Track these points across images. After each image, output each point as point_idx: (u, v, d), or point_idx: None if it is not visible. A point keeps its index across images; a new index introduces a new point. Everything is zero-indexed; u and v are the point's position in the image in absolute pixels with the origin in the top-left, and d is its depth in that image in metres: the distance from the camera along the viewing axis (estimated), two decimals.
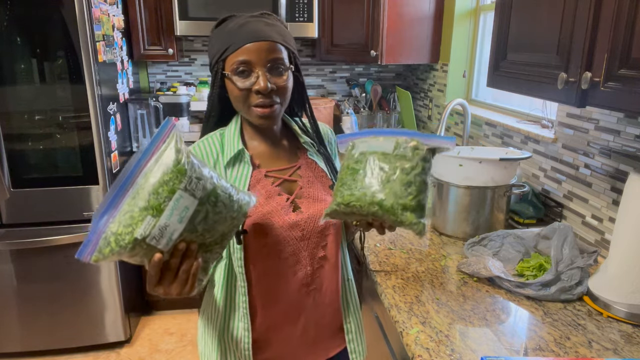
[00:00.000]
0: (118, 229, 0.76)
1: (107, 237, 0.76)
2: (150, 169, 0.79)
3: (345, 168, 0.99)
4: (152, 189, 0.77)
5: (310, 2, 2.72)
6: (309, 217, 1.07)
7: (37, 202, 2.31)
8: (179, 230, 0.79)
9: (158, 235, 0.77)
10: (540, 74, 1.25)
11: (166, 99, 2.84)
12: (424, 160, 0.95)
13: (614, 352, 1.04)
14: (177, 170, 0.78)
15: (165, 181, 0.78)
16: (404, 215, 0.91)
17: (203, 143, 1.07)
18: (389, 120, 3.21)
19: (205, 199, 0.81)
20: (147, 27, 2.76)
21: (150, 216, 0.76)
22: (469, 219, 1.60)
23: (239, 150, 1.05)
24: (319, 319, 1.14)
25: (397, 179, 0.92)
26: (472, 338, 1.08)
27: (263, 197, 1.05)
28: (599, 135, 1.51)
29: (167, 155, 0.79)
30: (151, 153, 0.81)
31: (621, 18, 0.97)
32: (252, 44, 0.99)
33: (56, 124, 2.25)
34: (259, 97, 1.00)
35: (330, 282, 1.14)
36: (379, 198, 0.92)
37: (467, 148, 1.77)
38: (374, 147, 0.98)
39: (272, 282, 1.07)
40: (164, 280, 0.82)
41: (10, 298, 2.40)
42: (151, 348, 2.62)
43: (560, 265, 1.25)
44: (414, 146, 0.95)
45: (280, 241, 1.05)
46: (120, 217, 0.77)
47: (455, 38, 2.62)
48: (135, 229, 0.75)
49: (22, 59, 2.15)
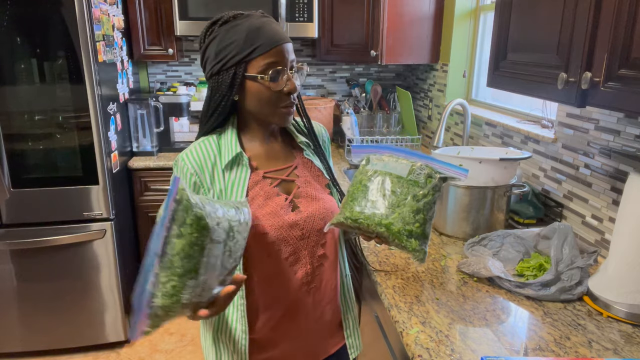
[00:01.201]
0: (164, 302, 0.78)
1: (155, 312, 0.78)
2: (174, 234, 0.79)
3: (357, 183, 1.02)
4: (184, 254, 0.78)
5: (310, 2, 2.72)
6: (308, 216, 1.08)
7: (37, 202, 2.31)
8: (215, 277, 0.83)
9: (201, 292, 0.81)
10: (540, 74, 1.25)
11: (166, 99, 2.84)
12: (434, 189, 0.98)
13: (614, 352, 1.04)
14: (201, 227, 0.79)
15: (193, 242, 0.79)
16: (408, 242, 0.94)
17: (200, 146, 1.06)
18: (388, 120, 3.21)
19: (226, 238, 0.85)
20: (147, 27, 2.76)
21: (190, 279, 0.78)
22: (469, 219, 1.60)
23: (237, 153, 1.04)
24: (319, 317, 1.15)
25: (407, 205, 0.95)
26: (472, 338, 1.08)
27: (262, 198, 1.05)
28: (599, 135, 1.51)
29: (185, 214, 0.79)
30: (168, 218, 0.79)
31: (621, 18, 0.97)
32: (280, 47, 0.99)
33: (56, 124, 2.25)
34: (288, 98, 1.02)
35: (329, 279, 1.15)
36: (387, 221, 0.95)
37: (467, 148, 1.77)
38: (389, 167, 1.01)
39: (272, 283, 1.07)
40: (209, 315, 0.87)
41: (10, 298, 2.40)
42: (151, 348, 2.62)
43: (560, 265, 1.25)
44: (427, 174, 0.99)
45: (280, 241, 1.05)
46: (161, 290, 0.78)
47: (455, 38, 2.62)
48: (181, 296, 0.78)
49: (22, 59, 2.15)
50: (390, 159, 1.02)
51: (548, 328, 1.12)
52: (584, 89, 1.07)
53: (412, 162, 1.01)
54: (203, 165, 1.03)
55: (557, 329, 1.12)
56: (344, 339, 1.22)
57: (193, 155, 1.04)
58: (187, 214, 0.78)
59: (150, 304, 0.78)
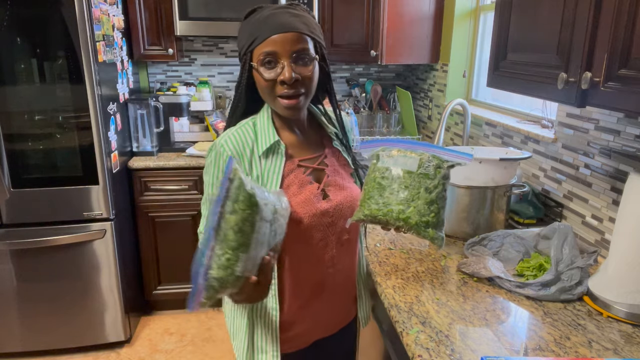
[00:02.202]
0: (219, 274, 0.84)
1: (211, 283, 0.84)
2: (228, 210, 0.85)
3: (372, 181, 1.08)
4: (237, 229, 0.84)
5: (310, 2, 2.72)
6: (337, 204, 1.13)
7: (37, 202, 2.31)
8: (263, 253, 0.90)
9: (252, 266, 0.88)
10: (540, 74, 1.25)
11: (166, 99, 2.84)
12: (444, 177, 1.05)
13: (614, 352, 1.04)
14: (252, 204, 0.85)
15: (245, 218, 0.85)
16: (426, 232, 1.02)
17: (238, 132, 1.08)
18: (388, 120, 3.21)
19: (272, 219, 0.91)
20: (147, 27, 2.76)
21: (242, 253, 0.85)
22: (469, 219, 1.60)
23: (275, 141, 1.07)
24: (339, 294, 1.23)
25: (421, 198, 1.02)
26: (472, 338, 1.08)
27: (296, 186, 1.09)
28: (599, 135, 1.51)
29: (238, 192, 0.85)
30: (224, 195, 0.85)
31: (621, 18, 0.97)
32: (278, 36, 1.00)
33: (56, 124, 2.25)
34: (284, 88, 1.02)
35: (350, 260, 1.23)
36: (405, 215, 1.02)
37: (467, 148, 1.77)
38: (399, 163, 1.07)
39: (302, 266, 1.13)
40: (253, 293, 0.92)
41: (10, 298, 2.40)
42: (151, 348, 2.62)
43: (560, 265, 1.25)
44: (436, 165, 1.05)
45: (312, 228, 1.10)
46: (217, 262, 0.84)
47: (455, 38, 2.62)
48: (235, 268, 0.84)
49: (22, 59, 2.15)
50: (399, 154, 1.08)
51: (548, 328, 1.12)
52: (584, 89, 1.06)
53: (419, 154, 1.06)
54: (241, 151, 1.06)
55: (557, 329, 1.12)
56: (356, 312, 1.32)
57: (232, 141, 1.06)
58: (239, 191, 0.85)
59: (207, 275, 0.83)
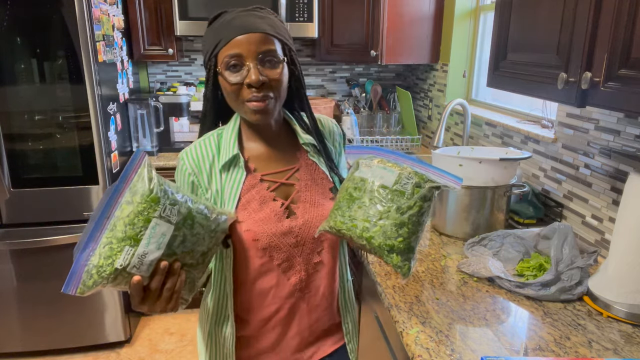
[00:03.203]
0: (99, 261, 0.80)
1: (90, 270, 0.80)
2: (125, 200, 0.82)
3: (344, 190, 0.97)
4: (128, 220, 0.80)
5: (310, 2, 2.72)
6: (304, 223, 1.04)
7: (37, 202, 2.31)
8: (157, 256, 0.82)
9: (138, 264, 0.81)
10: (540, 74, 1.25)
11: (166, 99, 2.84)
12: (423, 199, 0.90)
13: (614, 352, 1.04)
14: (150, 199, 0.81)
15: (139, 211, 0.81)
16: (389, 257, 0.89)
17: (200, 145, 1.05)
18: (388, 120, 3.21)
19: (181, 223, 0.84)
20: (147, 27, 2.76)
21: (129, 246, 0.80)
22: (469, 219, 1.60)
23: (233, 155, 1.01)
24: (314, 323, 1.12)
25: (390, 217, 0.89)
26: (472, 338, 1.08)
27: (257, 203, 1.02)
28: (599, 135, 1.51)
29: (140, 185, 0.82)
30: (124, 185, 0.84)
31: (621, 18, 0.97)
32: (242, 37, 0.94)
33: (56, 124, 2.25)
34: (251, 91, 0.95)
35: (326, 286, 1.11)
36: (368, 234, 0.90)
37: (467, 148, 1.77)
38: (376, 175, 0.94)
39: (264, 287, 1.06)
40: (147, 300, 0.84)
41: (10, 298, 2.40)
42: (151, 348, 2.62)
43: (560, 265, 1.25)
44: (415, 183, 0.91)
45: (272, 248, 1.02)
46: (100, 249, 0.81)
47: (455, 38, 2.62)
48: (115, 260, 0.79)
49: (22, 59, 2.15)
50: (379, 165, 0.95)
51: (548, 328, 1.12)
52: (584, 89, 1.06)
53: (401, 168, 0.93)
54: (201, 164, 1.02)
55: (557, 329, 1.12)
56: (343, 339, 1.21)
57: (192, 155, 1.03)
58: (141, 185, 0.82)
59: (87, 261, 0.80)
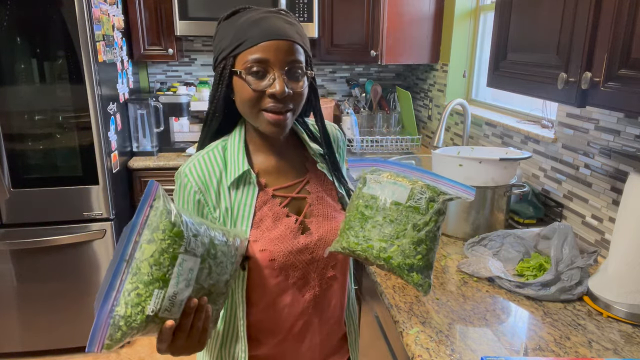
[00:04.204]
0: (126, 311, 0.72)
1: (116, 322, 0.72)
2: (144, 239, 0.74)
3: (354, 209, 0.92)
4: (153, 260, 0.73)
5: (310, 2, 2.72)
6: (319, 238, 0.99)
7: (37, 202, 2.31)
8: (187, 294, 0.76)
9: (169, 306, 0.74)
10: (540, 74, 1.25)
11: (166, 99, 2.84)
12: (438, 213, 0.88)
13: (614, 352, 1.04)
14: (173, 234, 0.75)
15: (164, 249, 0.74)
16: (409, 276, 0.86)
17: (205, 159, 0.96)
18: (388, 120, 3.21)
19: (205, 254, 0.79)
20: (147, 27, 2.76)
21: (157, 289, 0.73)
22: (469, 219, 1.60)
23: (244, 171, 0.95)
24: (325, 335, 1.09)
25: (407, 236, 0.86)
26: (472, 338, 1.08)
27: (271, 220, 0.97)
28: (599, 135, 1.51)
29: (159, 220, 0.75)
30: (140, 220, 0.75)
31: (621, 18, 0.97)
32: (272, 42, 0.87)
33: (56, 124, 2.25)
34: (272, 101, 0.89)
35: (337, 299, 1.08)
36: (386, 255, 0.86)
37: (467, 148, 1.77)
38: (387, 191, 0.90)
39: (277, 306, 1.00)
40: (177, 341, 0.78)
41: (10, 298, 2.40)
42: (151, 348, 2.62)
43: (560, 265, 1.25)
44: (429, 197, 0.88)
45: (288, 266, 0.97)
46: (125, 298, 0.72)
47: (455, 38, 2.62)
48: (145, 306, 0.72)
49: (22, 59, 2.15)
50: (389, 180, 0.91)
51: (548, 328, 1.12)
52: (584, 89, 1.07)
53: (412, 182, 0.89)
54: (208, 182, 0.94)
55: (557, 329, 1.12)
56: (348, 353, 1.17)
57: (197, 171, 0.94)
58: (161, 220, 0.74)
59: (112, 312, 0.72)
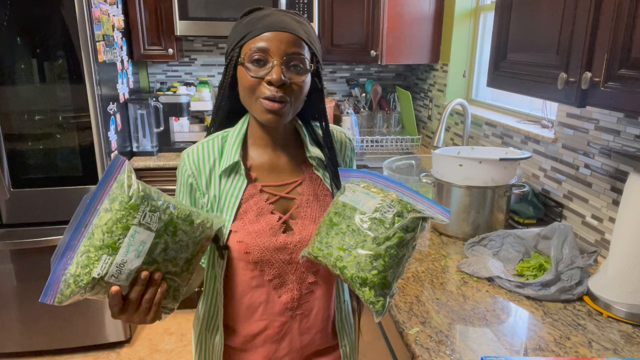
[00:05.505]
0: (76, 270, 0.77)
1: (67, 279, 0.78)
2: (103, 207, 0.80)
3: (326, 215, 0.92)
4: (106, 228, 0.78)
5: (310, 2, 2.72)
6: (300, 240, 0.99)
7: (37, 202, 2.31)
8: (137, 264, 0.79)
9: (116, 273, 0.78)
10: (540, 74, 1.25)
11: (166, 99, 2.84)
12: (404, 230, 0.83)
13: (614, 352, 1.04)
14: (129, 206, 0.79)
15: (118, 219, 0.78)
16: (360, 290, 0.83)
17: (202, 146, 1.02)
18: (388, 120, 3.21)
19: (162, 230, 0.81)
20: (147, 27, 2.76)
21: (106, 255, 0.77)
22: (469, 219, 1.60)
23: (234, 162, 0.98)
24: (306, 345, 1.08)
25: (365, 248, 0.83)
26: (472, 338, 1.08)
27: (254, 214, 0.99)
28: (599, 135, 1.51)
29: (119, 192, 0.80)
30: (102, 191, 0.81)
31: (621, 18, 0.97)
32: (275, 33, 0.91)
33: (56, 124, 2.25)
34: (269, 89, 0.91)
35: (321, 308, 1.06)
36: (341, 264, 0.84)
37: (467, 148, 1.77)
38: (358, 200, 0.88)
39: (253, 301, 1.02)
40: (126, 310, 0.82)
41: (10, 298, 2.40)
42: (151, 348, 2.62)
43: (560, 265, 1.25)
44: (397, 212, 0.84)
45: (263, 263, 0.99)
46: (77, 258, 0.78)
47: (455, 38, 2.62)
48: (93, 269, 0.77)
49: (22, 59, 2.15)
50: (363, 190, 0.90)
51: (548, 328, 1.12)
52: (584, 89, 1.07)
53: (385, 195, 0.87)
54: (201, 167, 1.00)
55: (557, 329, 1.12)
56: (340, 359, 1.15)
57: (193, 156, 1.00)
58: (120, 192, 0.79)
59: (64, 270, 0.78)
